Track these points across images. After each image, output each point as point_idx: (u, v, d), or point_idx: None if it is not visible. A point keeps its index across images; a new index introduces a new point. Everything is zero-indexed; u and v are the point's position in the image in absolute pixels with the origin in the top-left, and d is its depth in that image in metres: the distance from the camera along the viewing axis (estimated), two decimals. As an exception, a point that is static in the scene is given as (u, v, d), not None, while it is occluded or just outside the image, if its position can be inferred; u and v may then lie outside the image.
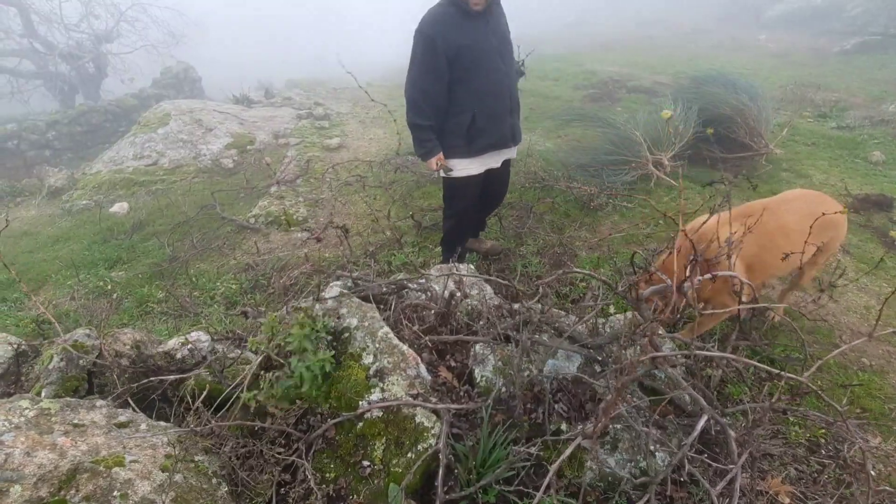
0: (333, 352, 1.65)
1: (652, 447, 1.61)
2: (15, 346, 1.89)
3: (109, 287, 4.10)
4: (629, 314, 1.84)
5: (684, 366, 1.73)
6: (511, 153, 3.16)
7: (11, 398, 1.33)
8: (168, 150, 6.27)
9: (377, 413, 1.61)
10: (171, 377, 1.71)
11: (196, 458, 1.43)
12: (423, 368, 1.78)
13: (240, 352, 2.21)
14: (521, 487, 1.53)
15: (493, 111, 2.77)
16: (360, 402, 1.64)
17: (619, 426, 1.68)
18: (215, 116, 7.30)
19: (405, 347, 1.79)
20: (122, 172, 5.88)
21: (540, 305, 1.95)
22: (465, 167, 2.92)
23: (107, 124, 11.95)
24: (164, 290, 4.02)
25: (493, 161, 3.02)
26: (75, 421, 1.35)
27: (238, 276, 4.06)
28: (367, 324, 1.86)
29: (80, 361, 1.89)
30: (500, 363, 1.90)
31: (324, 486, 1.49)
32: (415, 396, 1.70)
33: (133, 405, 1.62)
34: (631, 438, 1.66)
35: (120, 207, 5.18)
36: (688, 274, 1.53)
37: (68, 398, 1.42)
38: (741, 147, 4.92)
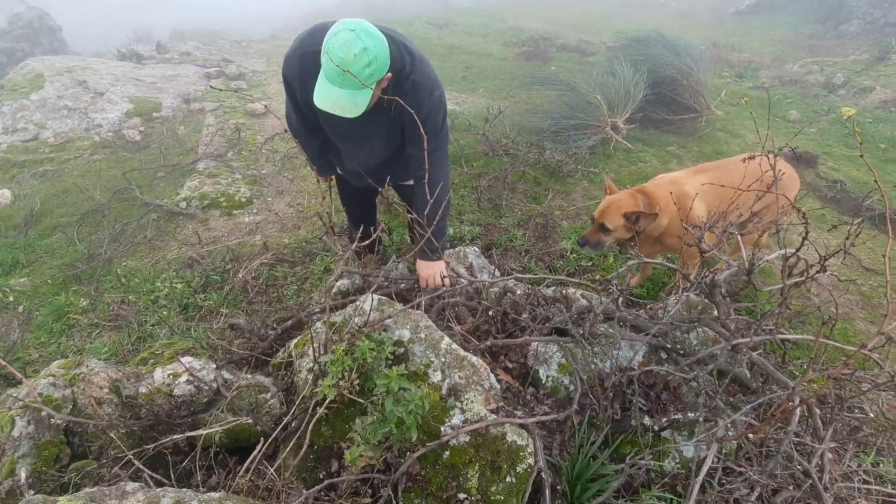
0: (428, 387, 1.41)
1: (730, 432, 1.61)
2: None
3: (12, 299, 3.32)
4: (684, 296, 1.80)
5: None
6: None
7: (21, 502, 0.95)
8: (49, 121, 5.12)
9: (464, 438, 1.42)
10: (196, 433, 1.36)
11: (270, 532, 1.16)
12: (493, 378, 1.61)
13: (250, 376, 1.86)
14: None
15: (345, 170, 2.36)
16: (442, 428, 1.44)
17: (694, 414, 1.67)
18: (103, 77, 6.09)
19: (475, 358, 1.59)
20: (-8, 151, 4.71)
21: (599, 298, 1.84)
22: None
23: (-60, 86, 9.60)
24: (86, 296, 3.34)
25: None
26: (110, 521, 1.01)
27: (181, 273, 3.48)
28: (422, 335, 1.63)
29: (53, 420, 1.45)
30: (563, 360, 1.78)
31: (420, 529, 1.30)
32: (495, 412, 1.53)
33: (157, 477, 1.26)
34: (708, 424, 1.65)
35: (1, 196, 4.17)
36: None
37: (88, 489, 1.05)
38: (685, 109, 5.13)
